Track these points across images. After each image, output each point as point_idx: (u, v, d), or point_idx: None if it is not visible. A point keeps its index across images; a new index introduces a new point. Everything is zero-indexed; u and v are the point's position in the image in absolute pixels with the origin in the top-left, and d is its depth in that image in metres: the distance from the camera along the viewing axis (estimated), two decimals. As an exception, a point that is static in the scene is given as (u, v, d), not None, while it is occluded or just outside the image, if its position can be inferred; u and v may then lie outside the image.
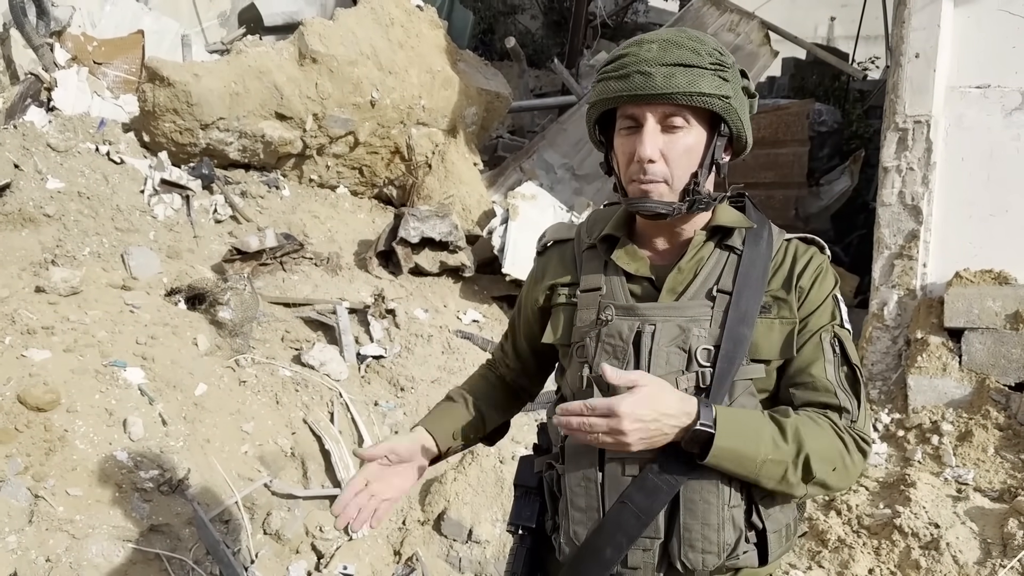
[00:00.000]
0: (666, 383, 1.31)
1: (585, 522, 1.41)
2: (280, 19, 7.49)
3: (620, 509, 1.37)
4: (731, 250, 1.46)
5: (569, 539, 1.44)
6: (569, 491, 1.43)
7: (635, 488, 1.36)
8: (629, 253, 1.49)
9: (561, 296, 1.55)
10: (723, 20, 6.04)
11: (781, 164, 6.86)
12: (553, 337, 1.55)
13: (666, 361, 1.39)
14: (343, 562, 3.16)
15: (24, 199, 3.94)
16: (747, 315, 1.39)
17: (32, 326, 3.22)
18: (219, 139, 4.77)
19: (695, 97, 1.34)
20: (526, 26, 12.20)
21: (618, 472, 1.38)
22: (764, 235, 1.47)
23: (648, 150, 1.36)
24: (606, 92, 1.39)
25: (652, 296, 1.46)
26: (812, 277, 1.45)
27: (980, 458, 3.82)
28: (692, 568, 1.37)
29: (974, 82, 4.32)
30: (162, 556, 2.75)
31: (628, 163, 1.41)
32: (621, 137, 1.42)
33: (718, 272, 1.44)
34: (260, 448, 3.32)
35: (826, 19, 12.92)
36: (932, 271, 4.40)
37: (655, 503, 1.35)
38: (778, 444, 1.31)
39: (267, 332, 3.99)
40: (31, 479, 2.72)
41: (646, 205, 1.40)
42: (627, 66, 1.36)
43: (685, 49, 1.35)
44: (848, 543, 3.49)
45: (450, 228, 4.92)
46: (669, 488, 1.34)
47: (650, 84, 1.33)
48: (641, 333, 1.41)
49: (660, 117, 1.37)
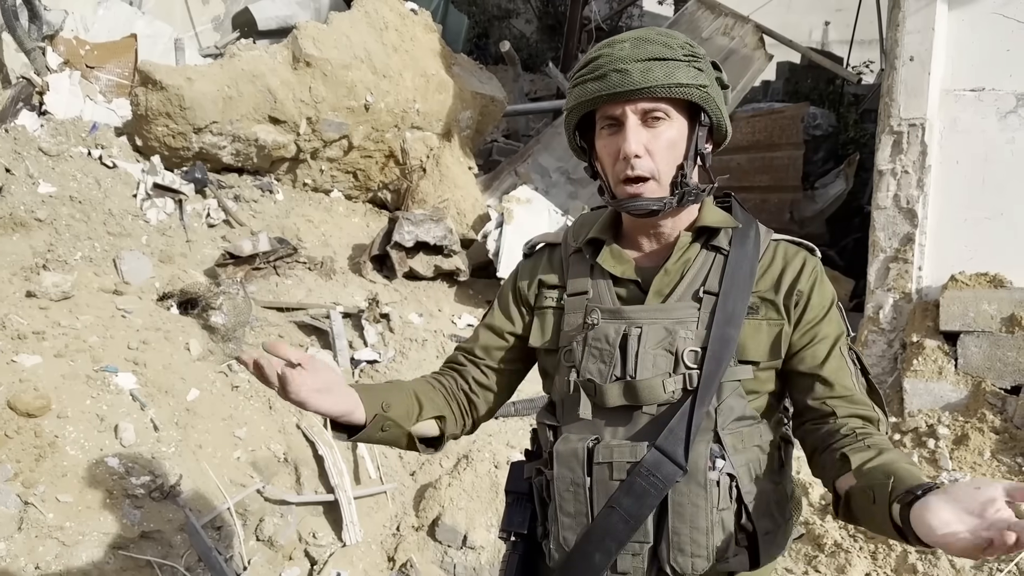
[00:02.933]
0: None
1: (574, 527, 1.40)
2: (274, 23, 7.46)
3: (608, 514, 1.36)
4: (717, 250, 1.45)
5: (559, 545, 1.42)
6: (558, 496, 1.42)
7: (623, 492, 1.35)
8: (615, 256, 1.49)
9: (548, 299, 1.54)
10: (717, 24, 6.04)
11: (776, 168, 6.86)
12: (541, 341, 1.53)
13: (652, 364, 1.38)
14: (336, 568, 3.14)
15: (15, 203, 3.91)
16: (734, 316, 1.38)
17: (23, 331, 3.20)
18: (212, 143, 4.75)
19: (674, 88, 1.35)
20: (521, 30, 12.20)
21: (606, 476, 1.37)
22: (751, 235, 1.46)
23: (633, 145, 1.36)
24: (584, 95, 1.39)
25: (639, 299, 1.45)
26: (810, 282, 1.43)
27: (976, 462, 3.81)
28: (681, 572, 1.36)
29: (969, 85, 4.32)
30: (153, 563, 2.72)
31: (614, 162, 1.40)
32: (603, 138, 1.41)
33: (704, 273, 1.43)
34: (253, 454, 3.30)
35: (820, 23, 12.94)
36: (927, 274, 4.40)
37: (643, 507, 1.34)
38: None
39: (260, 337, 3.97)
40: (21, 485, 2.69)
41: (637, 204, 1.39)
42: (602, 67, 1.36)
43: (657, 44, 1.36)
44: (845, 547, 3.48)
45: (445, 232, 4.90)
46: (657, 492, 1.33)
47: (628, 80, 1.33)
48: (627, 336, 1.40)
49: (641, 113, 1.37)
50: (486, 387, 1.62)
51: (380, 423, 1.40)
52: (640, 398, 1.38)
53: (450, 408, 1.58)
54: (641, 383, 1.38)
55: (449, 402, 1.59)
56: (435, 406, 1.54)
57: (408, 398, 1.49)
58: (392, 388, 1.52)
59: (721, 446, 1.37)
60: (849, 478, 1.30)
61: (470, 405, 1.62)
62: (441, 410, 1.55)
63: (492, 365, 1.62)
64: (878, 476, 1.23)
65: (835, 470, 1.34)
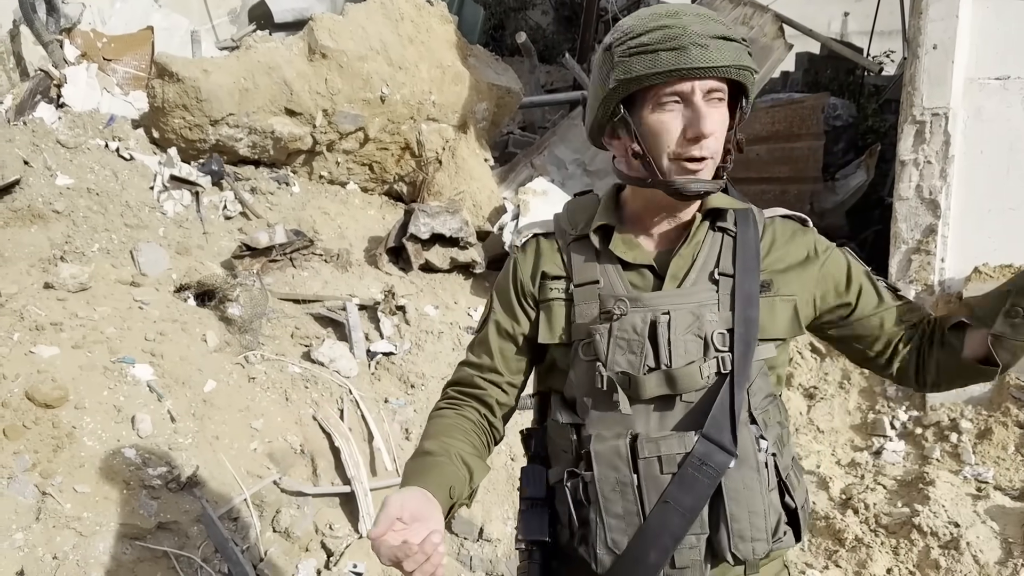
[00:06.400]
0: None
1: (624, 528, 1.35)
2: (290, 15, 7.47)
3: (664, 509, 1.32)
4: (724, 231, 1.44)
5: (607, 548, 1.36)
6: (602, 498, 1.36)
7: (676, 486, 1.32)
8: (626, 241, 1.45)
9: (554, 291, 1.47)
10: (736, 13, 5.96)
11: (796, 159, 6.78)
12: (551, 337, 1.45)
13: (684, 350, 1.36)
14: (353, 560, 3.13)
15: (33, 195, 3.93)
16: (752, 296, 1.38)
17: (40, 322, 3.21)
18: (229, 135, 4.75)
19: (742, 71, 1.32)
20: (537, 21, 12.14)
21: (656, 471, 1.33)
22: (751, 216, 1.46)
23: (710, 124, 1.31)
24: (656, 64, 1.29)
25: (652, 284, 1.42)
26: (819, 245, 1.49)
27: (1000, 456, 3.76)
28: (743, 558, 1.35)
29: (993, 73, 4.24)
30: (170, 554, 2.72)
31: (672, 140, 1.33)
32: (662, 113, 1.33)
33: (715, 254, 1.42)
34: (269, 445, 3.29)
35: (839, 14, 12.79)
36: (950, 266, 4.33)
37: (699, 499, 1.31)
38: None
39: (277, 329, 3.97)
40: (39, 476, 2.70)
41: (696, 186, 1.35)
42: (676, 38, 1.28)
43: (719, 23, 1.32)
44: (866, 542, 3.43)
45: (460, 224, 4.88)
46: (711, 481, 1.31)
47: (709, 57, 1.28)
48: (656, 324, 1.36)
49: (705, 91, 1.32)
50: (506, 405, 1.56)
51: (451, 511, 1.38)
52: (679, 386, 1.35)
53: (486, 451, 1.53)
54: (679, 371, 1.35)
55: (485, 446, 1.52)
56: (480, 465, 1.48)
57: (461, 469, 1.41)
58: (447, 466, 1.39)
59: (758, 426, 1.37)
60: (973, 335, 1.40)
61: (492, 431, 1.56)
62: (483, 461, 1.50)
63: (512, 380, 1.54)
64: (992, 299, 1.39)
65: (953, 346, 1.42)
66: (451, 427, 1.48)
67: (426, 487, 1.29)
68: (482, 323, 1.56)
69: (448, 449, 1.42)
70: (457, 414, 1.51)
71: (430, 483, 1.32)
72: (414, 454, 1.44)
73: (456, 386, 1.56)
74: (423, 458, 1.40)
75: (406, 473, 1.38)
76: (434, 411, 1.55)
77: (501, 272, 1.56)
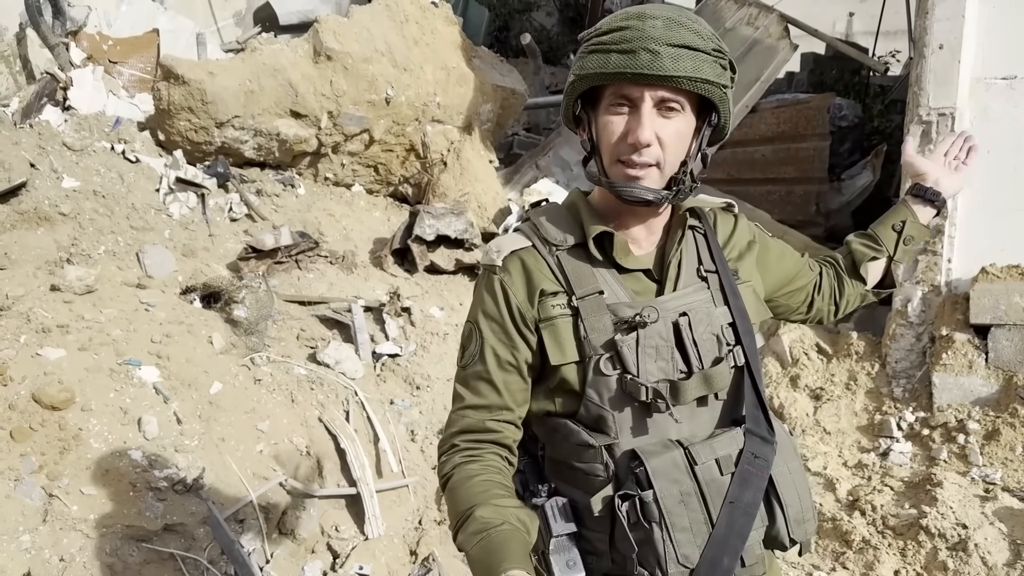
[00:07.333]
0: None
1: (693, 540, 1.30)
2: (295, 17, 7.48)
3: (730, 511, 1.31)
4: (694, 230, 1.48)
5: (680, 565, 1.29)
6: (667, 514, 1.29)
7: (738, 485, 1.32)
8: (622, 247, 1.42)
9: (555, 308, 1.37)
10: (741, 13, 5.95)
11: (801, 159, 6.77)
12: (562, 357, 1.36)
13: (708, 349, 1.39)
14: (359, 562, 3.13)
15: (40, 198, 3.94)
16: (735, 288, 1.44)
17: (47, 325, 3.21)
18: (234, 137, 4.75)
19: (699, 83, 1.29)
20: (541, 23, 12.14)
21: (716, 474, 1.32)
22: (705, 211, 1.53)
23: (647, 133, 1.30)
24: (605, 65, 1.29)
25: (651, 288, 1.42)
26: (751, 228, 1.60)
27: (1008, 457, 3.74)
28: (802, 542, 1.39)
29: (1000, 73, 4.23)
30: (176, 556, 2.72)
31: (617, 143, 1.33)
32: (610, 115, 1.33)
33: (694, 252, 1.46)
34: (275, 447, 3.30)
35: (845, 14, 12.77)
36: (957, 267, 4.31)
37: (758, 493, 1.33)
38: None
39: (282, 330, 3.97)
40: (45, 478, 2.71)
41: (633, 190, 1.33)
42: (631, 40, 1.27)
43: (689, 31, 1.28)
44: (873, 544, 3.42)
45: (466, 226, 4.88)
46: (762, 472, 1.33)
47: (657, 64, 1.25)
48: (679, 326, 1.37)
49: (658, 100, 1.30)
50: (518, 439, 1.45)
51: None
52: (715, 385, 1.37)
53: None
54: (713, 371, 1.36)
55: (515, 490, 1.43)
56: (529, 516, 1.35)
57: (523, 532, 1.31)
58: (517, 534, 1.29)
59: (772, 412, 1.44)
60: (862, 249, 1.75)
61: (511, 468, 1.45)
62: (527, 509, 1.38)
63: (520, 413, 1.43)
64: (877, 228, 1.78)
65: (856, 265, 1.74)
66: (489, 485, 1.35)
67: (524, 567, 1.22)
68: (473, 356, 1.42)
69: (505, 515, 1.30)
70: (484, 466, 1.38)
71: (519, 560, 1.23)
72: (469, 524, 1.30)
73: (466, 434, 1.42)
74: (491, 533, 1.27)
75: (480, 552, 1.27)
76: (456, 467, 1.39)
77: (480, 297, 1.44)
